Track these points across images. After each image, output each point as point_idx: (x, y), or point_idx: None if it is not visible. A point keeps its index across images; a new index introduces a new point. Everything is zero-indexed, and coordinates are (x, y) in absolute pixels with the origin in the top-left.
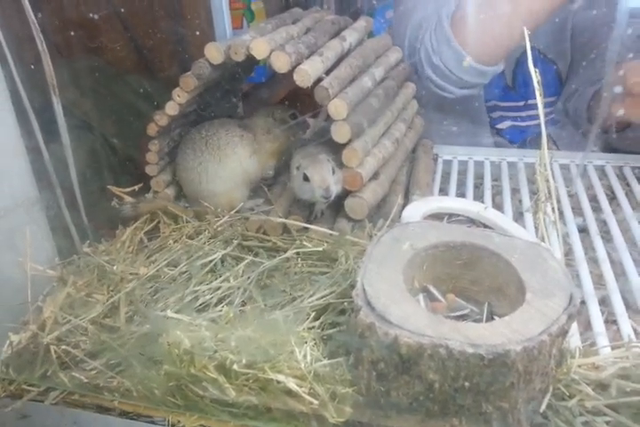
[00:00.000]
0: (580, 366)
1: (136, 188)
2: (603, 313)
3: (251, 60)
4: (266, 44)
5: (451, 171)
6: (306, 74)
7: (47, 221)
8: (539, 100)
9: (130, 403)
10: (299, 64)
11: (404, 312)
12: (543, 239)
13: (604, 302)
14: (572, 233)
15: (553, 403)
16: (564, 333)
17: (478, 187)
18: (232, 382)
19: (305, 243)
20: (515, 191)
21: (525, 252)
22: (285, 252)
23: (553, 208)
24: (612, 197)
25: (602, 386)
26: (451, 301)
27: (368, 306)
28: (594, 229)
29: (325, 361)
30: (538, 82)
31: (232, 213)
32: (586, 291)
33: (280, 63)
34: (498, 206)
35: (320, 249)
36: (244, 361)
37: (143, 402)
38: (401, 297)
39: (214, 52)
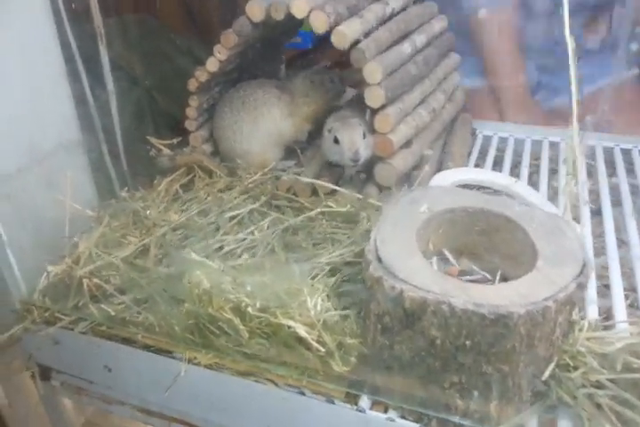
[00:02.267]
0: (588, 340)
1: (174, 141)
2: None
3: (292, 21)
4: (305, 3)
5: (489, 147)
6: (343, 35)
7: (89, 165)
8: (572, 69)
9: (152, 337)
10: (337, 25)
11: (412, 269)
12: (564, 212)
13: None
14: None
15: (557, 373)
16: (571, 302)
17: (517, 165)
18: (246, 324)
19: (330, 203)
20: (553, 172)
21: (544, 222)
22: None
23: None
24: None
25: (609, 361)
26: (464, 266)
27: (378, 261)
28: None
29: (334, 312)
30: (573, 49)
31: (264, 171)
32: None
33: (318, 23)
34: (533, 185)
35: (343, 210)
36: (257, 305)
37: (164, 338)
38: (411, 255)
39: (255, 10)
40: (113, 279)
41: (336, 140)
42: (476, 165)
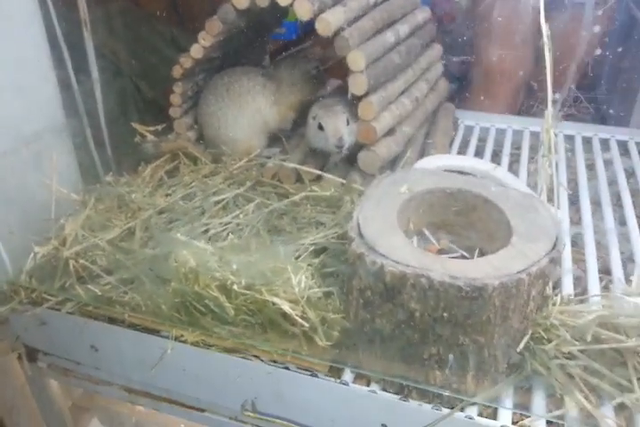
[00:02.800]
0: (561, 313)
1: (159, 127)
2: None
3: (276, 9)
4: None
5: (471, 137)
6: (327, 23)
7: (73, 150)
8: (547, 57)
9: (139, 317)
10: (321, 13)
11: (393, 245)
12: (541, 193)
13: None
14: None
15: (531, 346)
16: (544, 275)
17: (498, 154)
18: (232, 302)
19: (314, 188)
20: (533, 160)
21: (519, 201)
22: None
23: (550, 163)
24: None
25: (580, 332)
26: (443, 245)
27: (360, 238)
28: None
29: (318, 289)
30: (547, 36)
31: (249, 157)
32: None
33: (302, 11)
34: (514, 173)
35: (327, 194)
36: (243, 283)
37: (151, 316)
38: (392, 232)
39: None
40: (99, 260)
41: (320, 127)
42: (459, 154)
